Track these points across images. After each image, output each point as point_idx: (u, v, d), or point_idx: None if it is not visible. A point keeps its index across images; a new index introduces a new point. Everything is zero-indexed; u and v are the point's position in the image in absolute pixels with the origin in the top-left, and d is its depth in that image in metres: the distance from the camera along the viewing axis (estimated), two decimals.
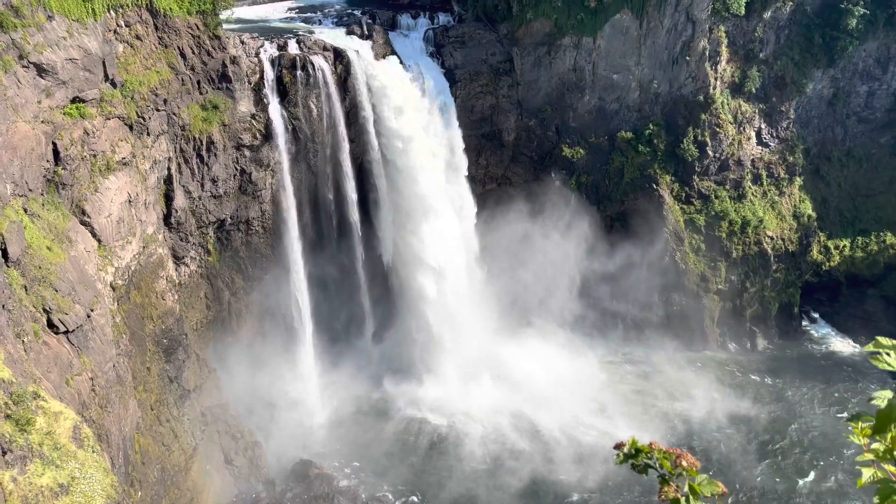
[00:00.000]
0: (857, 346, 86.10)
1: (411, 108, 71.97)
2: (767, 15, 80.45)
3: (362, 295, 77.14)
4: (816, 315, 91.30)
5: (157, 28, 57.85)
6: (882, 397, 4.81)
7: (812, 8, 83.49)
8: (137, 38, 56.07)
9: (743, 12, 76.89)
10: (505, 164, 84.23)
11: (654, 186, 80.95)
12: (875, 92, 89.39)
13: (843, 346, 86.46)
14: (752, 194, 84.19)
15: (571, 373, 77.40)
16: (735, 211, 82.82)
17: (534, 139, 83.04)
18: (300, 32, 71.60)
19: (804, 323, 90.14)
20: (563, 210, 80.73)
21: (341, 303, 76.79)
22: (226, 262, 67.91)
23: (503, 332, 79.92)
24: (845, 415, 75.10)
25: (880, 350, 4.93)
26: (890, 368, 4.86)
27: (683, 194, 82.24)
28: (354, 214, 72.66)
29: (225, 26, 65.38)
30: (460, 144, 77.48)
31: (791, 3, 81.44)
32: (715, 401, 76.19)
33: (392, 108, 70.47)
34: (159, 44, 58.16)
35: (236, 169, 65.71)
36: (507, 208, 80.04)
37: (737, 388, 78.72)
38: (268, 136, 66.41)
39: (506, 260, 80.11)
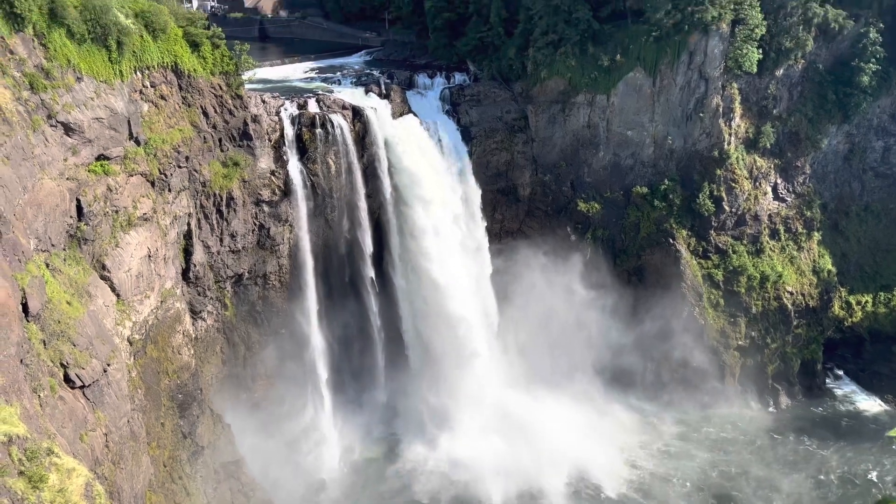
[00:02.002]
0: (885, 405, 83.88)
1: (428, 164, 73.04)
2: (779, 72, 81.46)
3: (377, 350, 76.83)
4: (840, 372, 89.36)
5: (181, 88, 59.63)
6: None
7: (824, 65, 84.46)
8: (162, 97, 57.75)
9: (755, 70, 77.92)
10: (521, 218, 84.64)
11: (671, 241, 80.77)
12: (891, 147, 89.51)
13: (869, 404, 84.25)
14: (771, 249, 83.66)
15: (590, 430, 75.84)
16: (753, 266, 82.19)
17: (549, 194, 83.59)
18: (320, 92, 73.46)
19: (828, 380, 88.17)
20: (579, 264, 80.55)
21: (356, 357, 76.45)
22: (242, 317, 68.15)
23: (520, 386, 78.87)
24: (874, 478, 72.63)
25: None
26: None
27: (700, 249, 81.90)
28: (370, 269, 73.03)
29: (247, 86, 67.30)
30: (477, 199, 78.22)
31: (803, 62, 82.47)
32: (743, 461, 74.12)
33: (409, 165, 71.54)
34: (183, 103, 59.84)
35: (255, 224, 66.58)
36: (524, 262, 80.00)
37: (764, 450, 76.55)
38: (287, 191, 67.46)
39: (522, 314, 79.64)
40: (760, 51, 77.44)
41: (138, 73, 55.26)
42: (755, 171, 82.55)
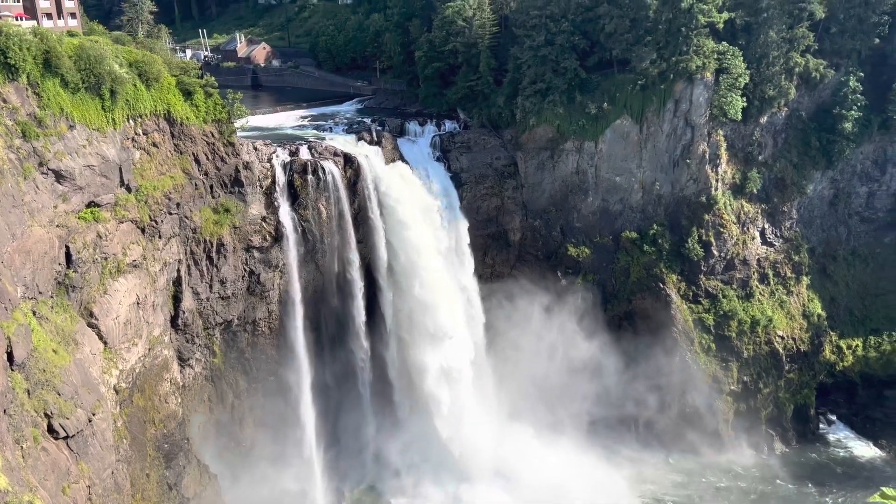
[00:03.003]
0: (879, 450, 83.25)
1: (419, 209, 73.42)
2: (764, 120, 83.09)
3: (366, 397, 75.84)
4: (833, 417, 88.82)
5: (173, 136, 60.10)
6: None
7: (807, 113, 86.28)
8: (154, 145, 58.16)
9: (740, 117, 79.47)
10: (511, 262, 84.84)
11: (661, 286, 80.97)
12: (875, 192, 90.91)
13: (863, 449, 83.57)
14: (760, 293, 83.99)
15: (589, 484, 74.49)
16: (744, 310, 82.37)
17: (539, 239, 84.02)
18: (312, 139, 74.24)
19: (821, 425, 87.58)
20: (570, 310, 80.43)
21: (346, 405, 75.39)
22: (231, 364, 67.36)
23: (512, 435, 77.81)
24: None
25: (887, 501, 4.81)
26: None
27: (691, 293, 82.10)
28: (361, 315, 72.65)
29: (239, 133, 67.94)
30: (467, 244, 78.42)
31: (786, 109, 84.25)
32: None
33: (400, 210, 71.87)
34: (175, 150, 60.24)
35: (245, 270, 66.38)
36: (514, 308, 79.86)
37: (767, 498, 75.45)
38: (277, 237, 67.49)
39: (513, 361, 79.15)
40: (745, 99, 79.09)
41: (131, 120, 55.75)
42: (743, 216, 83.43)
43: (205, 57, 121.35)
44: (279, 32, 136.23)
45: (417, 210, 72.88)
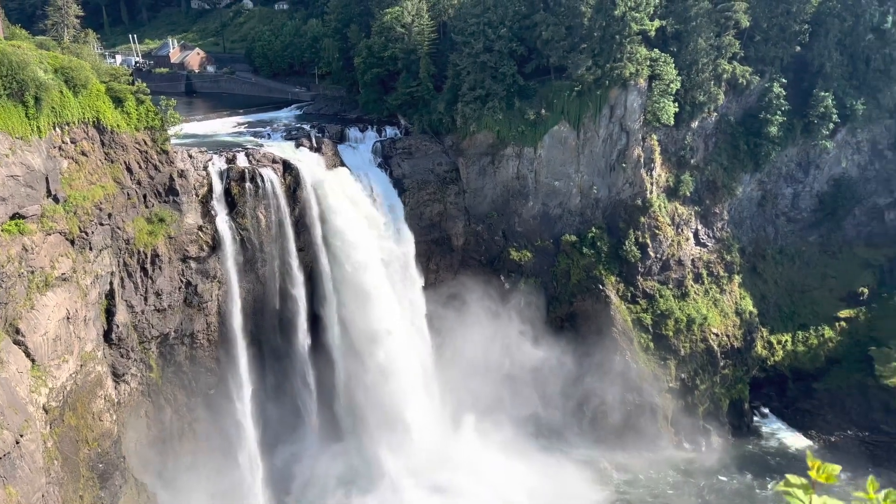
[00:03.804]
0: (809, 440, 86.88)
1: (361, 216, 72.99)
2: (695, 125, 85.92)
3: (311, 407, 74.79)
4: (766, 410, 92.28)
5: (103, 144, 58.11)
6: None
7: (735, 118, 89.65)
8: (83, 153, 56.08)
9: (672, 122, 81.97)
10: (455, 267, 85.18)
11: (601, 287, 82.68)
12: (800, 193, 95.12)
13: (794, 440, 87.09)
14: (695, 292, 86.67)
15: (530, 481, 75.23)
16: (680, 309, 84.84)
17: (482, 244, 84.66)
18: (249, 146, 72.89)
19: (755, 418, 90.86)
20: (513, 313, 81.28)
21: (289, 416, 74.14)
22: (168, 378, 65.41)
23: (458, 442, 77.89)
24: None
25: (790, 489, 5.04)
26: None
27: (629, 294, 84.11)
28: (303, 324, 71.65)
29: (174, 141, 66.19)
30: (411, 250, 78.34)
31: (715, 114, 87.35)
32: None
33: (341, 217, 71.27)
34: (105, 159, 58.24)
35: (182, 281, 64.63)
36: (458, 312, 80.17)
37: (715, 492, 77.58)
38: (215, 247, 65.99)
39: (458, 365, 79.33)
40: (676, 104, 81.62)
41: (58, 128, 53.64)
42: (677, 218, 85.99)
43: (136, 63, 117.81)
44: (214, 38, 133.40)
45: (360, 217, 72.44)
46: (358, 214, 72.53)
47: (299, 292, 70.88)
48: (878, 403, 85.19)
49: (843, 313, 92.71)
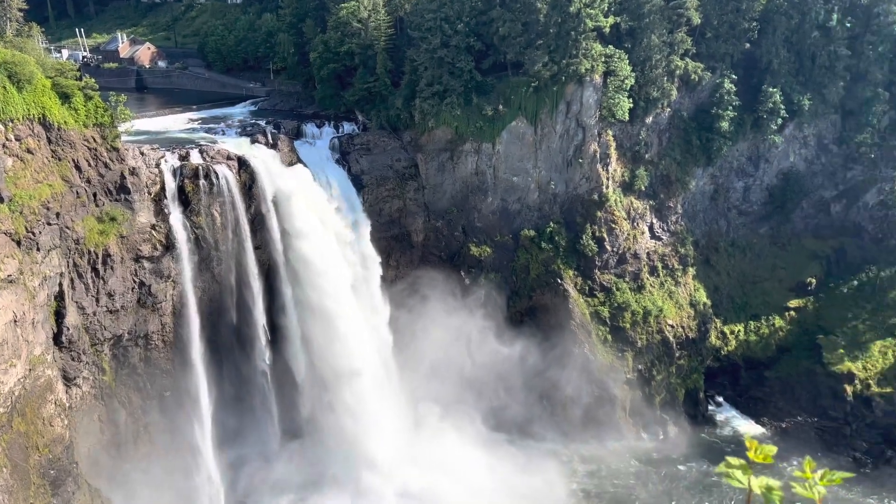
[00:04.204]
0: (761, 427, 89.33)
1: (319, 212, 72.28)
2: (649, 120, 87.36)
3: (270, 407, 73.81)
4: (721, 399, 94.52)
5: (50, 141, 56.34)
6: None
7: (688, 113, 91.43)
8: (29, 151, 54.28)
9: (627, 118, 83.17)
10: (415, 263, 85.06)
11: (559, 281, 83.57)
12: (750, 187, 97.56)
13: (747, 427, 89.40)
14: (651, 285, 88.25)
15: (494, 475, 75.58)
16: (636, 301, 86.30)
17: (442, 239, 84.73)
18: (203, 142, 71.50)
19: (710, 407, 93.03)
20: (474, 308, 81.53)
21: (248, 417, 73.11)
22: (122, 381, 63.85)
23: (421, 433, 77.90)
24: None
25: (729, 470, 5.22)
26: (740, 486, 5.11)
27: (587, 287, 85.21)
28: (261, 321, 70.65)
29: (124, 138, 64.56)
30: (370, 246, 77.92)
31: (669, 110, 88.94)
32: (663, 492, 76.30)
33: (299, 214, 70.47)
34: (52, 157, 56.48)
35: (135, 282, 63.13)
36: (419, 309, 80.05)
37: (678, 479, 79.10)
38: (169, 246, 64.61)
39: (419, 362, 79.27)
40: (631, 100, 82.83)
41: (1, 125, 51.77)
42: (632, 213, 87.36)
43: (83, 58, 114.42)
44: (165, 32, 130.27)
45: (317, 213, 71.72)
46: (315, 211, 71.79)
47: (256, 290, 69.89)
48: (827, 390, 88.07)
49: (793, 303, 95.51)
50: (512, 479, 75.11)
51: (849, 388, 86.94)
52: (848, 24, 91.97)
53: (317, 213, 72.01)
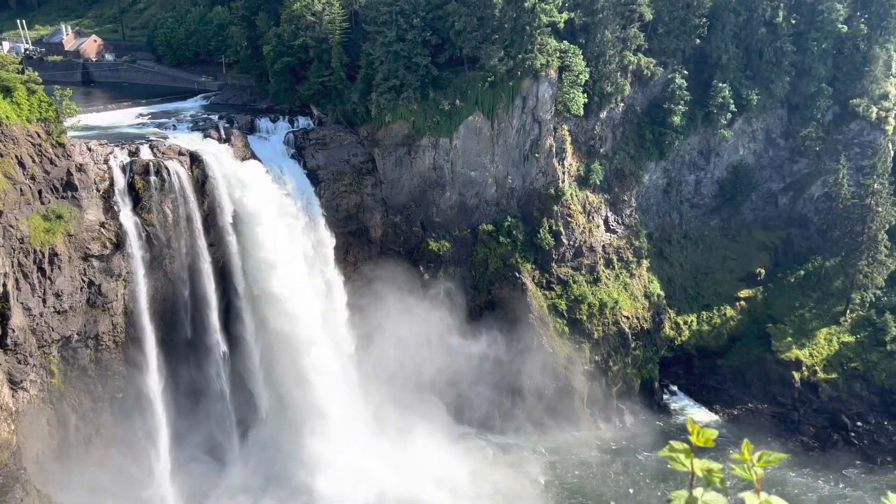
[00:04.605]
0: (714, 414, 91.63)
1: (274, 208, 71.24)
2: (603, 115, 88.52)
3: (226, 407, 72.53)
4: (675, 388, 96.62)
5: None
6: (678, 497, 5.14)
7: (641, 108, 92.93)
8: None
9: (582, 113, 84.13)
10: (374, 259, 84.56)
11: (517, 275, 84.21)
12: (702, 180, 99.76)
13: (701, 415, 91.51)
14: (606, 277, 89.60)
15: (456, 470, 75.82)
16: (592, 294, 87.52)
17: (400, 234, 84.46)
18: (153, 138, 69.80)
19: (665, 396, 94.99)
20: (433, 303, 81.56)
21: (203, 417, 71.69)
22: (72, 384, 62.04)
23: (380, 429, 77.67)
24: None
25: (673, 454, 5.37)
26: (683, 469, 5.27)
27: (544, 281, 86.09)
28: (216, 322, 69.39)
29: (71, 133, 62.60)
30: (328, 242, 77.21)
31: (622, 105, 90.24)
32: (626, 481, 77.54)
33: (254, 210, 69.39)
34: None
35: (83, 281, 61.33)
36: (378, 305, 79.71)
37: (639, 467, 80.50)
38: (119, 244, 62.93)
39: (379, 354, 78.95)
40: (585, 95, 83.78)
41: None
42: (588, 206, 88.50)
43: (25, 50, 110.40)
44: (112, 24, 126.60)
45: (272, 209, 70.70)
46: (270, 206, 70.75)
47: (210, 288, 68.61)
48: (776, 377, 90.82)
49: (743, 293, 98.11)
50: (477, 472, 75.53)
51: (796, 375, 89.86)
52: (793, 21, 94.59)
53: (271, 209, 70.96)
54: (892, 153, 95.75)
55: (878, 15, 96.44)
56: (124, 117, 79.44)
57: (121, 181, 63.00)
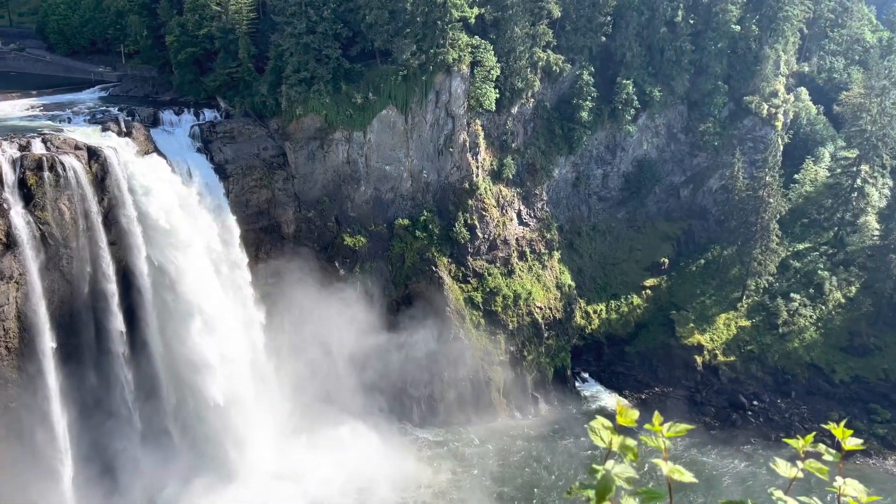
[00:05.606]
0: (623, 399, 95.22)
1: (178, 204, 68.47)
2: (514, 110, 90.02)
3: (132, 416, 69.13)
4: (586, 375, 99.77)
5: None
6: (597, 469, 5.40)
7: (550, 104, 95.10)
8: None
9: (494, 108, 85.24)
10: (287, 256, 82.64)
11: (434, 269, 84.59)
12: (609, 174, 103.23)
13: (611, 400, 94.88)
14: (520, 269, 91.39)
15: (374, 464, 75.46)
16: (507, 286, 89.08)
17: (314, 230, 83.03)
18: (46, 131, 65.65)
19: (577, 383, 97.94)
20: (350, 299, 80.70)
21: (107, 428, 68.04)
22: None
23: (296, 428, 76.33)
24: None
25: (596, 429, 5.66)
26: (603, 445, 5.57)
27: (461, 274, 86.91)
28: (118, 324, 65.98)
29: None
30: (236, 239, 74.96)
31: (533, 100, 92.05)
32: (548, 467, 79.22)
33: (157, 206, 66.45)
34: None
35: None
36: (292, 301, 78.18)
37: (545, 454, 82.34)
38: (10, 244, 58.86)
39: (294, 356, 77.53)
40: (497, 90, 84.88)
41: None
42: (501, 200, 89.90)
43: None
44: None
45: (177, 205, 67.95)
46: (174, 203, 67.98)
47: (112, 288, 65.23)
48: (680, 361, 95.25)
49: (648, 282, 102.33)
50: (398, 467, 75.46)
51: (699, 359, 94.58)
52: (691, 21, 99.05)
53: (176, 204, 68.22)
54: (781, 147, 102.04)
55: (767, 17, 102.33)
56: (13, 109, 74.42)
57: (10, 177, 58.97)
